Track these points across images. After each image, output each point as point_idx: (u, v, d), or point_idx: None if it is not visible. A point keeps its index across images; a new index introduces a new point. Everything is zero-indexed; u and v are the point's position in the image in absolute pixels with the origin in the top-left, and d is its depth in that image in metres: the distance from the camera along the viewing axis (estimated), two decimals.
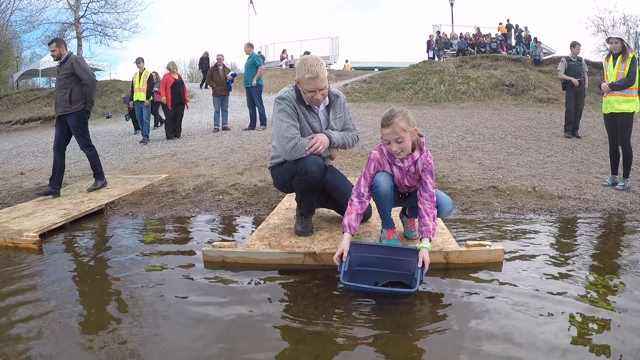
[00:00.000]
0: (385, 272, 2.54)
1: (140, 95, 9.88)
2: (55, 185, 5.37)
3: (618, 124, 5.18)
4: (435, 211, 2.68)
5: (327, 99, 3.09)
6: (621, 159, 5.20)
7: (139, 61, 10.03)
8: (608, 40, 5.35)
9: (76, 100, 5.20)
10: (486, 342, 1.93)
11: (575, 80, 8.46)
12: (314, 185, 3.04)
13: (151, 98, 10.05)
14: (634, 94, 5.09)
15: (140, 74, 9.95)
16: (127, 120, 12.42)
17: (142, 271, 2.98)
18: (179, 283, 2.70)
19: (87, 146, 5.45)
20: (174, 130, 9.78)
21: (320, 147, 2.98)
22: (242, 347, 1.96)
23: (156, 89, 10.63)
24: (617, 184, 5.02)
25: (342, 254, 2.50)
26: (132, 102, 10.34)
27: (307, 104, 3.03)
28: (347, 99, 3.40)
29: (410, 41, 58.37)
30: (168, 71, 10.00)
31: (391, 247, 2.67)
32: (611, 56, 5.24)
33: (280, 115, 2.98)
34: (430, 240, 2.57)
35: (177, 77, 9.96)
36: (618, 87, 5.08)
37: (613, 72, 5.15)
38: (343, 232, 2.63)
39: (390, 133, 2.56)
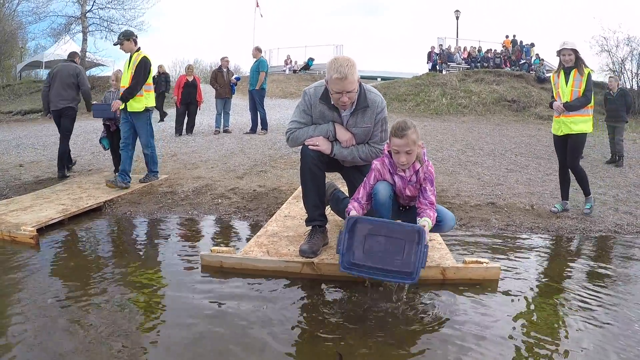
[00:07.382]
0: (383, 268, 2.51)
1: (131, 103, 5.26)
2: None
3: (570, 145, 4.65)
4: (435, 214, 2.72)
5: (354, 103, 2.88)
6: (575, 181, 4.76)
7: (127, 39, 5.31)
8: (560, 52, 4.52)
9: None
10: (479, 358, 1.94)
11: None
12: (311, 172, 2.95)
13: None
14: (590, 112, 4.59)
15: (130, 59, 5.33)
16: (105, 148, 6.52)
17: (138, 273, 2.97)
18: (174, 286, 2.70)
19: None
20: (182, 127, 10.11)
21: (316, 147, 2.91)
22: (235, 354, 1.96)
23: None
24: (584, 208, 4.67)
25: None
26: (119, 109, 5.42)
27: (332, 103, 2.87)
28: None
29: (414, 51, 58.60)
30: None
31: (394, 223, 2.59)
32: (562, 71, 4.58)
33: (295, 109, 3.05)
34: (429, 222, 2.64)
35: (191, 79, 10.30)
36: (574, 107, 4.49)
37: (567, 90, 4.52)
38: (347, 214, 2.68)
39: (403, 145, 2.62)
